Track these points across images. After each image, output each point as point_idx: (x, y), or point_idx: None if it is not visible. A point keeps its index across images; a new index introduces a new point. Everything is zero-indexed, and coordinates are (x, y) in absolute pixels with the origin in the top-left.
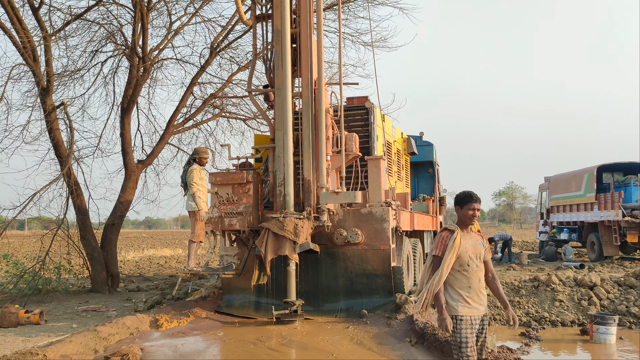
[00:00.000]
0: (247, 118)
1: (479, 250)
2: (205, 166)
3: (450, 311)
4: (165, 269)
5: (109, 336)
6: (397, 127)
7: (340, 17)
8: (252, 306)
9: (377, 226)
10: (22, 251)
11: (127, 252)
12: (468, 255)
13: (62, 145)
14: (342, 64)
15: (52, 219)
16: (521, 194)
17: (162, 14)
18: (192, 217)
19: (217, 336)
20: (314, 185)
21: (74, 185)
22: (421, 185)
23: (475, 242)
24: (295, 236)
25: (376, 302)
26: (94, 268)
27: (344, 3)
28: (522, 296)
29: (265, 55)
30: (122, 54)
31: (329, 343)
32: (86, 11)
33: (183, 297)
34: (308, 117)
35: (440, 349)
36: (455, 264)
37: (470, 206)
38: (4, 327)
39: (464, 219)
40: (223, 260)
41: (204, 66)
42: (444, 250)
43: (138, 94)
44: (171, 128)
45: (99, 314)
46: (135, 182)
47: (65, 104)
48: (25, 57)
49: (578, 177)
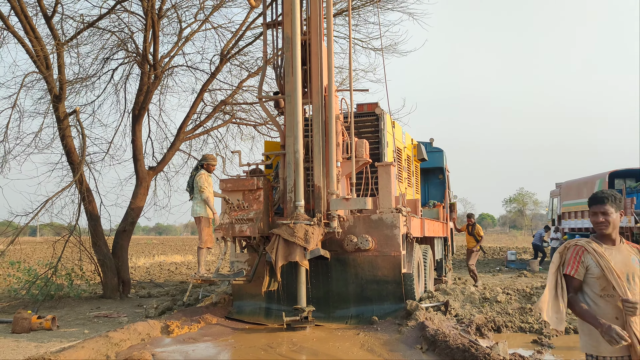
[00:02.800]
0: (257, 124)
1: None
2: (212, 173)
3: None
4: (175, 275)
5: (121, 342)
6: (407, 134)
7: (350, 23)
8: (262, 312)
9: (387, 232)
10: (34, 257)
11: (138, 258)
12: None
13: (74, 152)
14: (352, 69)
15: (64, 226)
16: (532, 200)
17: (173, 21)
18: (198, 223)
19: (228, 342)
20: (324, 191)
21: (85, 191)
22: (431, 191)
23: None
24: (305, 242)
25: (387, 309)
26: (105, 274)
27: (354, 9)
28: (534, 303)
29: (276, 62)
30: (133, 61)
31: (339, 350)
32: (98, 19)
33: (194, 303)
34: (318, 123)
35: (452, 356)
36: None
37: (591, 210)
38: (17, 332)
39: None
40: (233, 267)
41: (214, 73)
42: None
43: (149, 101)
44: (182, 135)
45: (110, 320)
46: (146, 189)
47: (78, 112)
48: (38, 65)
49: (590, 183)
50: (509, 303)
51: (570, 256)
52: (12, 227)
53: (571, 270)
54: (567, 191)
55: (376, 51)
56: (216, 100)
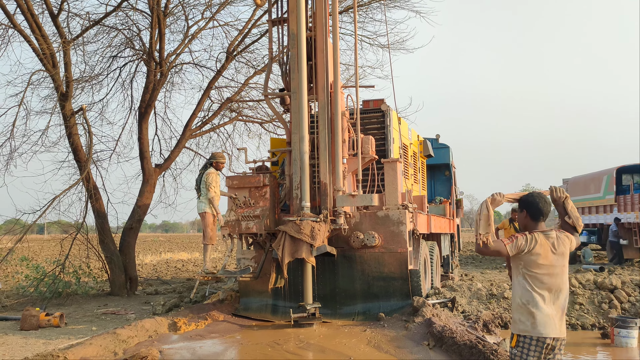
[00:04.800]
0: (263, 121)
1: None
2: (221, 171)
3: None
4: (182, 272)
5: (128, 339)
6: (413, 130)
7: (356, 20)
8: (269, 309)
9: (393, 229)
10: (42, 255)
11: (145, 255)
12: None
13: (81, 149)
14: (358, 66)
15: (72, 223)
16: None
17: (179, 19)
18: (203, 219)
19: (235, 339)
20: (330, 188)
21: (92, 189)
22: (438, 187)
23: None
24: (312, 239)
25: (393, 305)
26: (112, 271)
27: (360, 6)
28: None
29: (282, 59)
30: (139, 59)
31: (346, 346)
32: (104, 17)
33: (201, 300)
34: (324, 120)
35: (459, 352)
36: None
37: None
38: (25, 329)
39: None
40: (240, 264)
41: (220, 70)
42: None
43: (155, 99)
44: (188, 132)
45: (118, 317)
46: (152, 186)
47: (85, 109)
48: (45, 63)
49: (597, 179)
50: None
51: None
52: (19, 225)
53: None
54: (574, 187)
55: (383, 48)
56: (222, 98)
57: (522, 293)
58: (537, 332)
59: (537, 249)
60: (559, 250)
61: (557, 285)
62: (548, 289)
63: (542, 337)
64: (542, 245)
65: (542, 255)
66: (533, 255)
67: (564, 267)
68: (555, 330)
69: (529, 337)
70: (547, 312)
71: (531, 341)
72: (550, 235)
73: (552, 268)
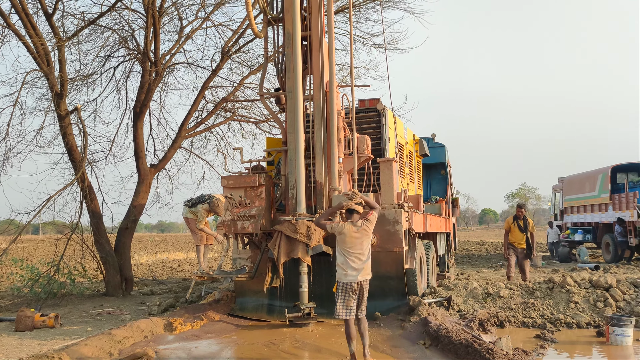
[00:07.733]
0: (258, 121)
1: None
2: (211, 214)
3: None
4: (178, 272)
5: (124, 339)
6: (409, 129)
7: (351, 20)
8: (265, 309)
9: (389, 228)
10: (36, 255)
11: (140, 255)
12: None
13: (76, 149)
14: (353, 66)
15: (66, 224)
16: (534, 195)
17: (174, 19)
18: (187, 223)
19: (231, 339)
20: (326, 187)
21: (87, 189)
22: (433, 187)
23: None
24: (307, 239)
25: (389, 305)
26: (108, 272)
27: (354, 6)
28: (537, 298)
29: (277, 59)
30: (134, 58)
31: (342, 346)
32: (99, 17)
33: (196, 300)
34: (320, 119)
35: (455, 351)
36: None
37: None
38: (20, 330)
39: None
40: (236, 263)
41: (215, 70)
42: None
43: (150, 99)
44: (183, 132)
45: (113, 318)
46: (148, 186)
47: (79, 109)
48: (39, 63)
49: (592, 178)
50: (511, 298)
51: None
52: (14, 226)
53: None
54: (569, 186)
55: (377, 48)
56: (217, 98)
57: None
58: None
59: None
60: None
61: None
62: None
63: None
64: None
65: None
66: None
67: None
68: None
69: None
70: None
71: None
72: (356, 223)
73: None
